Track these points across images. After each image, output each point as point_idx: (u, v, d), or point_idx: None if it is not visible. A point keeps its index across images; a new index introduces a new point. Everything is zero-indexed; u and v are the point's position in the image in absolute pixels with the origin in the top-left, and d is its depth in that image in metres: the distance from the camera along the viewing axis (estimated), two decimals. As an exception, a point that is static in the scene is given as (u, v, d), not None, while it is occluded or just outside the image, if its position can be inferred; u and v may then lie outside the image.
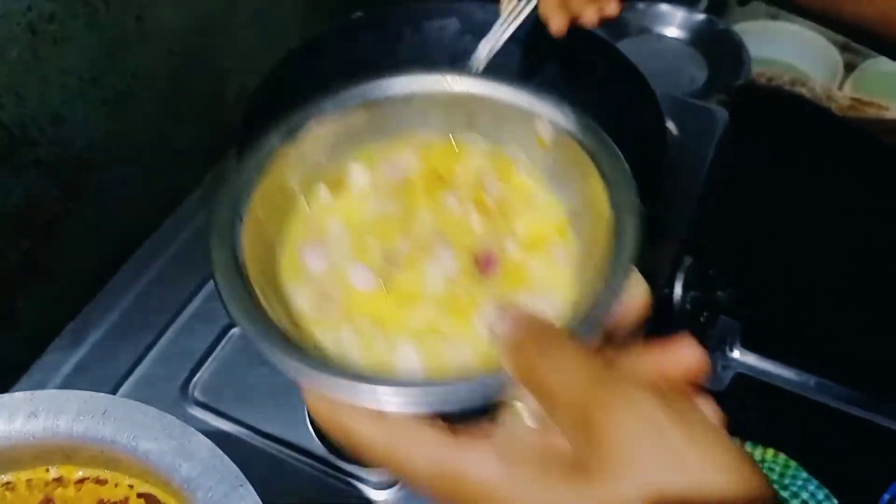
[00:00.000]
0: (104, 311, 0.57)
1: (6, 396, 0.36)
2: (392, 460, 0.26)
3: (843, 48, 1.66)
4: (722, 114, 0.71)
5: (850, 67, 1.50)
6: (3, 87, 0.54)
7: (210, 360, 0.54)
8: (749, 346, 0.74)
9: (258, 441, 0.50)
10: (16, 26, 0.53)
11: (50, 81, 0.57)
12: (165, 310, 0.56)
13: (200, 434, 0.35)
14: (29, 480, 0.37)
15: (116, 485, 0.37)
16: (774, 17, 1.70)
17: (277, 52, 0.67)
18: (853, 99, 0.99)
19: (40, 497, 0.37)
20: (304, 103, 0.44)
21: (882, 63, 1.47)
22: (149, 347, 0.54)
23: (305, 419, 0.49)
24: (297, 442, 0.50)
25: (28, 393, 0.36)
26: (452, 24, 0.69)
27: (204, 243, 0.62)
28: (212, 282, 0.59)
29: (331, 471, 0.49)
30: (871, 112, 0.96)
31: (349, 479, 0.49)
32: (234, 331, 0.55)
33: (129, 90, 0.65)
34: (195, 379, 0.53)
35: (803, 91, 0.97)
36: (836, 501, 0.65)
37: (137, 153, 0.67)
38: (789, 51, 1.49)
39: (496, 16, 0.69)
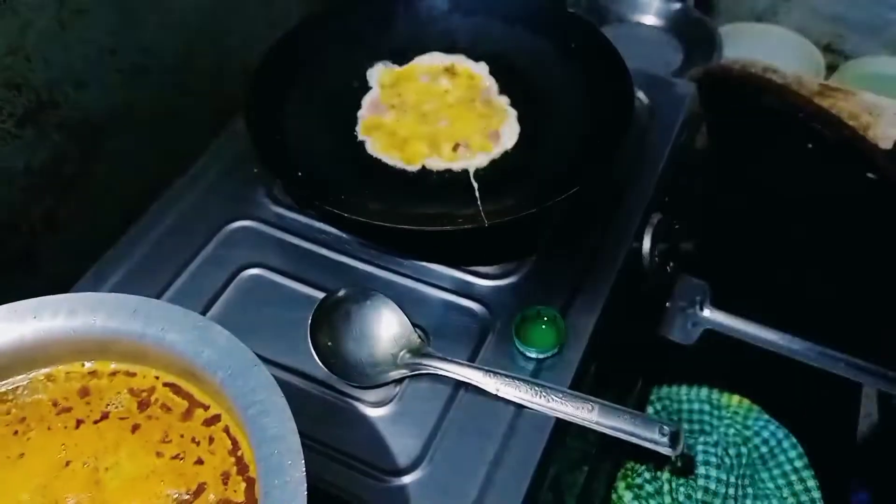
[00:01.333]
0: (123, 257, 0.62)
1: (49, 298, 0.42)
2: None
3: (826, 49, 1.72)
4: (690, 87, 0.76)
5: (832, 69, 1.57)
6: (33, 52, 0.60)
7: (221, 299, 0.59)
8: (717, 304, 0.80)
9: (267, 368, 0.55)
10: (45, -3, 0.59)
11: (73, 50, 0.63)
12: (179, 256, 0.61)
13: (219, 325, 0.40)
14: (68, 373, 0.42)
15: (144, 376, 0.42)
16: (759, 19, 1.76)
17: (278, 33, 0.73)
18: (822, 85, 1.05)
19: (78, 386, 0.42)
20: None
21: (862, 65, 1.53)
22: (165, 288, 0.59)
23: (309, 347, 0.55)
24: (302, 368, 0.55)
25: (68, 294, 0.41)
26: (442, 2, 0.75)
27: (212, 199, 0.68)
28: (221, 231, 0.64)
29: (332, 392, 0.54)
30: (839, 97, 1.02)
31: (348, 399, 0.54)
32: (243, 274, 0.61)
33: (143, 62, 0.70)
34: (208, 315, 0.58)
35: (774, 77, 1.03)
36: (794, 439, 0.71)
37: (149, 120, 0.73)
38: (773, 52, 1.55)
39: (481, -3, 0.75)
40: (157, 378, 0.42)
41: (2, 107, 0.59)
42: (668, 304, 0.78)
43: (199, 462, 0.39)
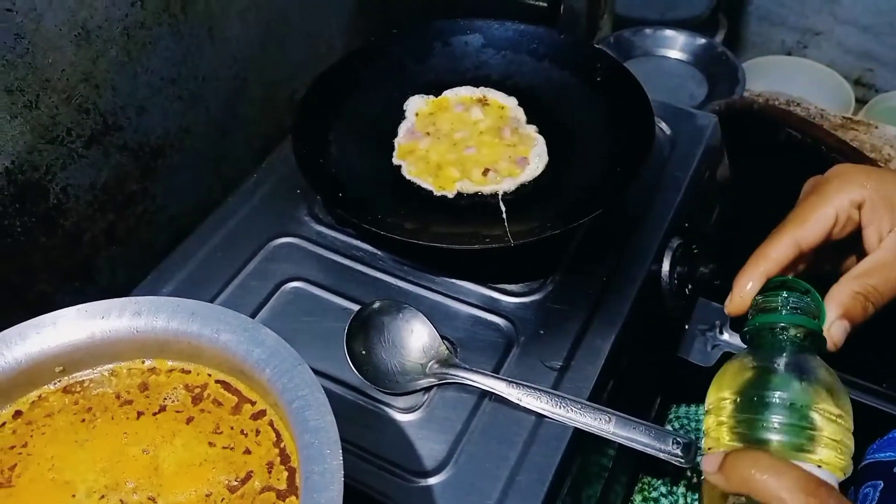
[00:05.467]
0: (175, 269, 0.67)
1: (116, 300, 0.46)
2: None
3: (856, 83, 1.75)
4: (712, 119, 0.80)
5: (863, 102, 1.59)
6: (102, 80, 0.65)
7: (264, 310, 0.64)
8: (736, 328, 0.82)
9: (304, 372, 0.59)
10: (115, 30, 0.65)
11: (138, 78, 0.69)
12: (227, 268, 0.66)
13: (267, 328, 0.45)
14: (129, 369, 0.47)
15: (198, 374, 0.47)
16: (789, 53, 1.79)
17: (323, 66, 0.78)
18: (844, 118, 1.07)
19: (138, 381, 0.47)
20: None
21: (892, 98, 1.56)
22: (213, 298, 0.64)
23: (345, 355, 0.59)
24: (337, 374, 0.59)
25: (132, 297, 0.46)
26: (476, 38, 0.80)
27: (259, 218, 0.73)
28: (266, 247, 0.69)
29: (365, 398, 0.58)
30: (861, 129, 1.05)
31: (379, 405, 0.57)
32: (286, 286, 0.65)
33: (199, 91, 0.76)
34: (252, 323, 0.63)
35: (797, 110, 1.06)
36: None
37: (203, 144, 0.78)
38: (802, 85, 1.57)
39: (514, 32, 0.80)
40: (209, 375, 0.47)
41: (72, 129, 0.64)
42: (687, 326, 0.81)
43: (247, 452, 0.44)
